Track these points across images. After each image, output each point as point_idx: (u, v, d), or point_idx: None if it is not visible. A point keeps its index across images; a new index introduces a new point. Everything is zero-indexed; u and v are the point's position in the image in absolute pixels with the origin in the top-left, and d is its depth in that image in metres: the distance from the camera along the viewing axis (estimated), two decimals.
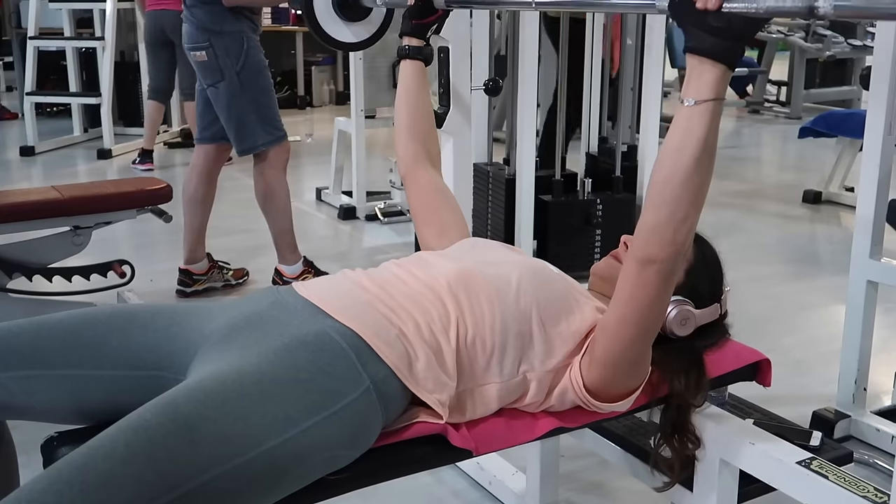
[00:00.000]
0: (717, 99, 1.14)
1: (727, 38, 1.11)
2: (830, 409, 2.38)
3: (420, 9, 1.74)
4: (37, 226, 2.81)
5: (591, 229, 3.28)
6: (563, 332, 1.36)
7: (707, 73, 1.13)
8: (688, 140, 1.15)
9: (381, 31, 2.05)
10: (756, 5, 1.07)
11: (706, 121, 1.14)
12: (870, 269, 2.25)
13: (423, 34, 1.77)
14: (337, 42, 2.00)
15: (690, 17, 1.12)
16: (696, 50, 1.13)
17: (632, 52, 3.40)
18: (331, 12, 1.96)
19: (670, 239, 1.19)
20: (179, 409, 1.10)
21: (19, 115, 7.25)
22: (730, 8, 1.09)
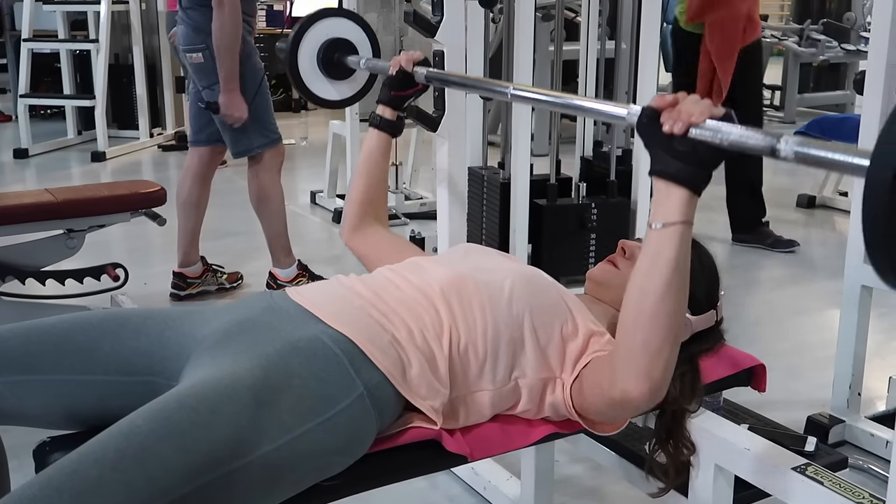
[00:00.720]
0: (685, 222, 1.13)
1: (692, 164, 1.11)
2: (825, 415, 2.38)
3: (400, 81, 1.74)
4: (30, 229, 2.80)
5: (585, 233, 3.28)
6: (555, 340, 1.35)
7: (674, 196, 1.12)
8: (658, 263, 1.14)
9: (364, 89, 2.08)
10: (721, 136, 1.06)
11: (675, 244, 1.13)
12: (864, 273, 2.26)
13: (400, 106, 1.78)
14: (321, 99, 2.03)
15: (657, 140, 1.12)
16: (661, 174, 1.13)
17: (626, 57, 3.41)
18: (315, 71, 1.98)
19: (646, 372, 1.16)
20: (171, 414, 1.10)
21: (13, 118, 7.24)
22: (695, 135, 1.09)
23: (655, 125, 1.12)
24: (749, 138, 1.04)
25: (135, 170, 6.02)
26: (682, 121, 1.09)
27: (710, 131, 1.08)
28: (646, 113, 1.14)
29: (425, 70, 1.72)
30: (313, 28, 1.97)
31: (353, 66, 1.97)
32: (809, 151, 0.98)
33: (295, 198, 4.99)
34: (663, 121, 1.11)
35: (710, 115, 1.08)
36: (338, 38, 1.98)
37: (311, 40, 1.97)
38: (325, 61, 1.98)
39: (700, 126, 1.08)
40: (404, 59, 1.74)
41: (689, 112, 1.09)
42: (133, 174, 5.80)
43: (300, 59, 1.95)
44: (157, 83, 6.92)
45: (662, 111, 1.12)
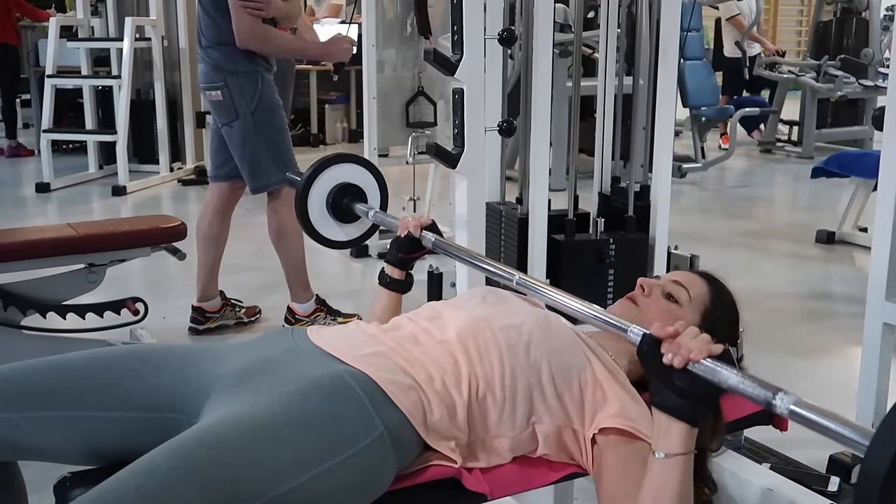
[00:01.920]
0: (687, 453, 1.15)
1: (691, 400, 1.12)
2: (847, 454, 2.35)
3: (408, 244, 1.75)
4: (52, 263, 2.82)
5: (604, 269, 3.26)
6: (572, 385, 1.35)
7: (674, 430, 1.14)
8: (663, 492, 1.16)
9: (370, 231, 2.10)
10: (718, 378, 1.07)
11: (678, 473, 1.15)
12: (886, 311, 2.24)
13: (407, 267, 1.79)
14: (328, 241, 2.05)
15: (657, 369, 1.13)
16: (661, 407, 1.15)
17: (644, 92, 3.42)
18: (324, 214, 2.00)
19: None
20: (191, 452, 1.10)
21: (36, 152, 7.33)
22: (695, 370, 1.09)
23: (656, 354, 1.13)
24: (746, 387, 1.03)
25: (155, 204, 6.07)
26: (682, 355, 1.10)
27: (708, 371, 1.08)
28: (646, 341, 1.15)
29: (433, 237, 1.73)
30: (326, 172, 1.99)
31: (360, 214, 2.00)
32: (804, 413, 0.97)
33: None
34: (663, 351, 1.12)
35: (709, 353, 1.09)
36: (348, 183, 2.01)
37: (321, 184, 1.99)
38: (335, 207, 2.01)
39: (700, 362, 1.09)
40: (412, 224, 1.74)
41: (689, 348, 1.10)
42: (153, 208, 5.85)
43: (310, 203, 1.98)
44: (178, 118, 7.00)
45: (663, 341, 1.13)
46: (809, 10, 12.36)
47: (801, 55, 9.96)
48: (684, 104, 7.26)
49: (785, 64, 8.17)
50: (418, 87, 4.81)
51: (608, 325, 1.26)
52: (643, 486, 1.19)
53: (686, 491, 1.17)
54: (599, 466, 1.32)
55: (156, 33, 6.70)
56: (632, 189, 3.28)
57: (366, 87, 4.52)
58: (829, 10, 8.86)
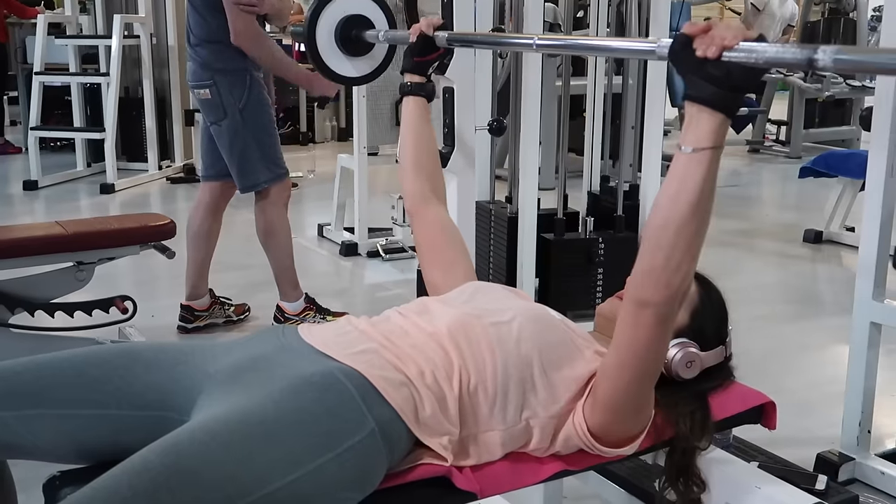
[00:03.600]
0: (716, 147, 1.13)
1: (726, 88, 1.10)
2: (834, 452, 2.37)
3: (421, 47, 1.75)
4: (40, 261, 2.81)
5: (593, 268, 3.27)
6: (565, 377, 1.36)
7: (705, 121, 1.12)
8: (685, 187, 1.14)
9: (383, 65, 2.06)
10: (755, 56, 1.06)
11: (704, 168, 1.13)
12: (873, 310, 2.25)
13: (425, 71, 1.78)
14: (339, 76, 2.01)
15: (690, 65, 1.12)
16: (695, 98, 1.12)
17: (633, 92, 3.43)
18: (333, 47, 1.96)
19: (665, 283, 1.19)
20: (183, 450, 1.10)
21: (23, 150, 7.29)
22: (730, 57, 1.09)
23: (688, 51, 1.11)
24: (785, 53, 1.03)
25: (143, 202, 6.05)
26: (716, 45, 1.08)
27: (744, 53, 1.07)
28: (678, 40, 1.13)
29: (446, 34, 1.72)
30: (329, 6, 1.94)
31: (371, 41, 1.95)
32: (849, 58, 0.96)
33: (302, 231, 5.00)
34: (696, 46, 1.10)
35: (744, 38, 1.08)
36: (354, 14, 1.97)
37: (328, 18, 1.95)
38: (343, 38, 1.96)
39: (734, 49, 1.08)
40: (424, 25, 1.74)
41: (723, 36, 1.08)
42: (141, 206, 5.83)
43: (318, 38, 1.93)
44: (167, 116, 6.97)
45: (695, 38, 1.11)
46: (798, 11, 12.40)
47: None
48: (673, 104, 7.26)
49: None
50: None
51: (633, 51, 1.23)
52: (663, 184, 1.17)
53: (710, 187, 1.14)
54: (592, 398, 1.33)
55: (144, 31, 6.67)
56: (621, 188, 3.28)
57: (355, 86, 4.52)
58: (816, 11, 8.90)
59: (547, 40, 1.46)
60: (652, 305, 1.21)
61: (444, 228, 1.72)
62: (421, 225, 1.72)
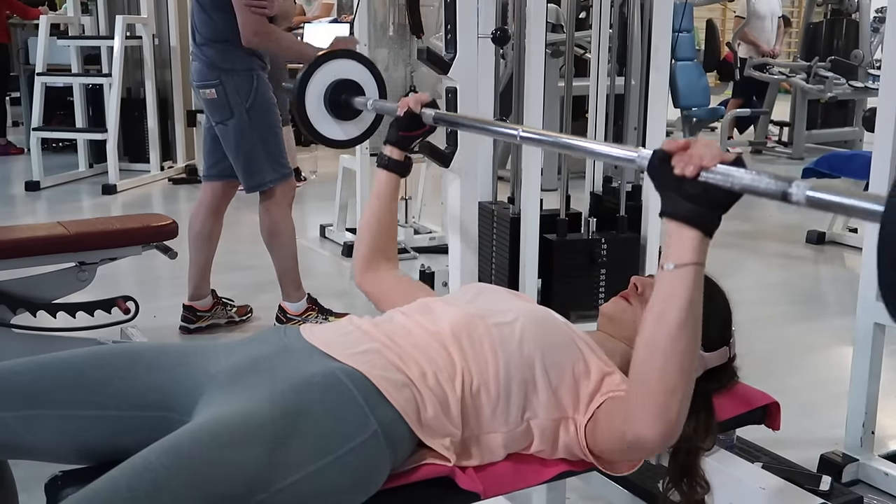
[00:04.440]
0: (697, 263, 1.13)
1: (704, 206, 1.11)
2: (838, 453, 2.36)
3: (408, 122, 1.74)
4: (42, 261, 2.81)
5: (595, 268, 3.27)
6: (567, 381, 1.35)
7: (686, 238, 1.12)
8: (671, 304, 1.14)
9: (370, 129, 2.08)
10: (732, 181, 1.06)
11: (688, 285, 1.13)
12: (877, 311, 2.24)
13: (408, 146, 1.77)
14: (328, 139, 2.03)
15: (668, 181, 1.12)
16: (673, 215, 1.13)
17: (636, 92, 3.42)
18: (322, 111, 1.98)
19: (660, 414, 1.15)
20: (183, 451, 1.09)
21: (25, 151, 7.29)
22: (707, 178, 1.09)
23: (666, 168, 1.12)
24: (760, 182, 1.03)
25: (145, 203, 6.05)
26: (694, 164, 1.09)
27: (721, 176, 1.07)
28: (657, 156, 1.14)
29: (433, 112, 1.72)
30: (321, 69, 1.97)
31: (360, 108, 1.97)
32: (822, 196, 0.97)
33: (305, 231, 5.00)
34: (674, 164, 1.11)
35: (722, 160, 1.08)
36: (345, 79, 1.99)
37: (318, 81, 1.97)
38: (332, 102, 1.98)
39: (711, 170, 1.08)
40: (412, 101, 1.73)
41: (701, 156, 1.09)
42: (143, 207, 5.83)
43: (307, 100, 1.95)
44: (169, 117, 6.97)
45: (674, 154, 1.12)
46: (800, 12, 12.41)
47: (792, 56, 9.99)
48: (675, 104, 7.27)
49: (775, 65, 8.20)
50: (410, 86, 4.81)
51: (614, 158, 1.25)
52: (649, 303, 1.16)
53: (696, 304, 1.14)
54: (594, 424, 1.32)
55: (146, 31, 6.68)
56: (623, 189, 3.28)
57: None
58: (819, 12, 8.90)
59: (531, 133, 1.46)
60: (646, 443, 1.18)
61: (397, 280, 1.74)
62: (373, 287, 1.74)
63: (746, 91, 8.54)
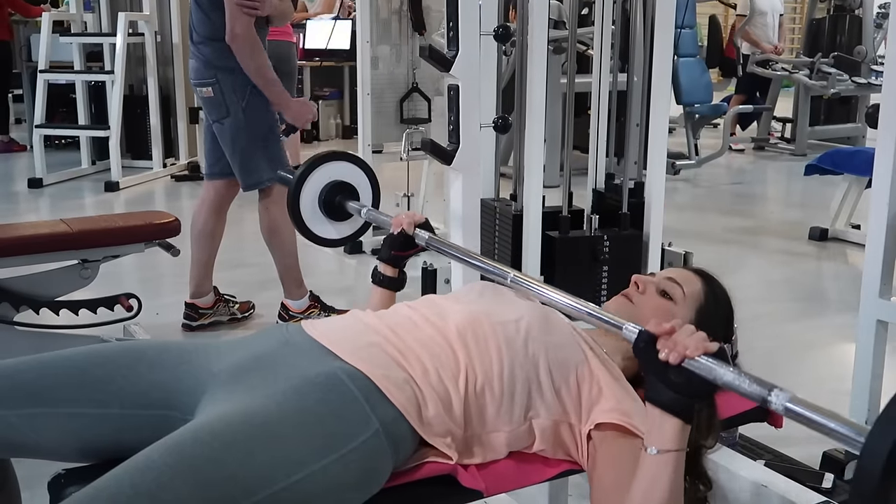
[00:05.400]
0: (679, 450, 1.15)
1: (685, 395, 1.12)
2: (841, 450, 2.35)
3: (401, 242, 1.74)
4: (45, 259, 2.81)
5: (598, 266, 3.27)
6: (569, 382, 1.35)
7: (667, 426, 1.14)
8: (655, 488, 1.16)
9: (362, 230, 2.09)
10: (714, 376, 1.07)
11: (670, 469, 1.15)
12: (880, 308, 2.24)
13: (400, 264, 1.77)
14: (320, 239, 2.04)
15: (652, 365, 1.13)
16: (656, 402, 1.14)
17: (638, 89, 3.42)
18: (316, 212, 1.99)
19: None
20: (186, 450, 1.09)
21: (28, 148, 7.30)
22: (690, 366, 1.10)
23: (652, 350, 1.13)
24: (742, 383, 1.04)
25: (148, 200, 6.06)
26: (678, 352, 1.10)
27: (704, 370, 1.09)
28: (642, 338, 1.15)
29: (426, 235, 1.72)
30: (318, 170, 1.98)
31: (352, 212, 1.99)
32: (800, 411, 0.98)
33: None
34: (659, 348, 1.12)
35: (705, 351, 1.09)
36: (340, 181, 2.00)
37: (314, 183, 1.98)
38: (327, 204, 2.00)
39: (696, 359, 1.09)
40: (406, 222, 1.72)
41: (685, 345, 1.10)
42: (146, 204, 5.84)
43: (302, 200, 1.97)
44: (171, 114, 6.98)
45: (659, 338, 1.13)
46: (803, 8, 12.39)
47: (795, 52, 9.98)
48: (678, 101, 7.26)
49: (778, 61, 8.19)
50: (412, 83, 4.81)
51: (602, 322, 1.27)
52: (634, 481, 1.19)
53: (677, 488, 1.17)
54: (593, 461, 1.32)
55: (149, 28, 6.68)
56: (626, 186, 3.28)
57: (360, 83, 4.51)
58: (822, 8, 8.88)
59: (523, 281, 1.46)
60: None
61: None
62: None
63: (749, 87, 8.53)
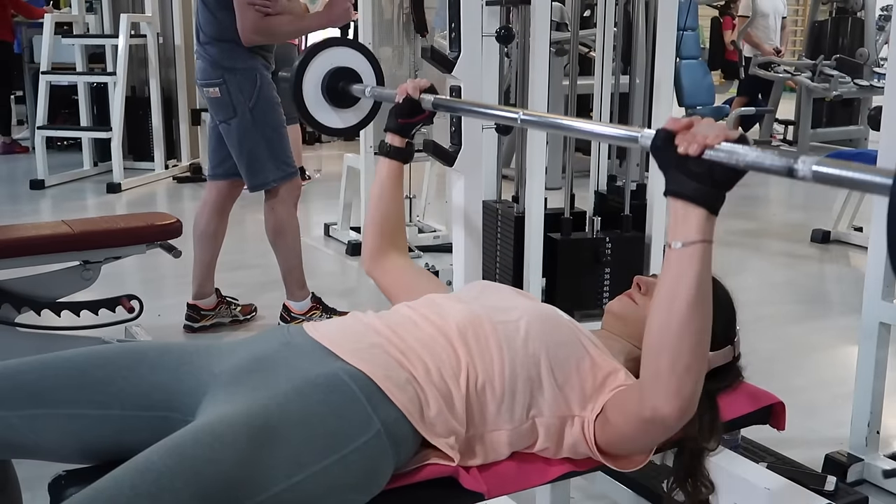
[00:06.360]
0: (705, 241, 1.13)
1: (708, 184, 1.11)
2: (843, 453, 2.35)
3: (407, 108, 1.74)
4: (47, 260, 2.81)
5: (600, 267, 3.27)
6: (571, 377, 1.35)
7: (692, 216, 1.12)
8: (681, 284, 1.14)
9: (368, 117, 2.07)
10: (737, 158, 1.06)
11: (696, 263, 1.13)
12: (882, 310, 2.24)
13: (408, 133, 1.77)
14: (325, 127, 2.03)
15: (672, 161, 1.12)
16: (677, 194, 1.13)
17: (640, 91, 3.42)
18: (320, 99, 1.98)
19: (675, 390, 1.16)
20: (186, 451, 1.09)
21: (30, 149, 7.30)
22: (711, 156, 1.09)
23: (670, 147, 1.12)
24: (765, 159, 1.03)
25: (150, 201, 6.06)
26: (698, 143, 1.09)
27: (725, 153, 1.07)
28: (660, 136, 1.13)
29: (432, 97, 1.72)
30: (318, 57, 1.97)
31: (357, 95, 1.97)
32: (828, 171, 0.96)
33: (309, 230, 5.00)
34: (678, 143, 1.11)
35: (726, 138, 1.08)
36: (342, 66, 1.99)
37: (315, 69, 1.97)
38: (330, 90, 1.98)
39: (715, 148, 1.08)
40: (411, 87, 1.73)
41: (705, 134, 1.09)
42: (148, 206, 5.84)
43: (305, 88, 1.95)
44: (173, 115, 6.98)
45: (677, 133, 1.12)
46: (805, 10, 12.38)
47: (797, 55, 9.98)
48: (680, 103, 7.26)
49: (781, 63, 8.18)
50: None
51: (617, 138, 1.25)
52: (659, 282, 1.16)
53: (704, 283, 1.13)
54: (604, 418, 1.32)
55: (151, 30, 6.68)
56: (628, 187, 3.28)
57: None
58: (824, 10, 8.88)
59: (531, 116, 1.46)
60: (664, 420, 1.19)
61: (406, 269, 1.74)
62: (382, 276, 1.74)
63: (751, 89, 8.53)
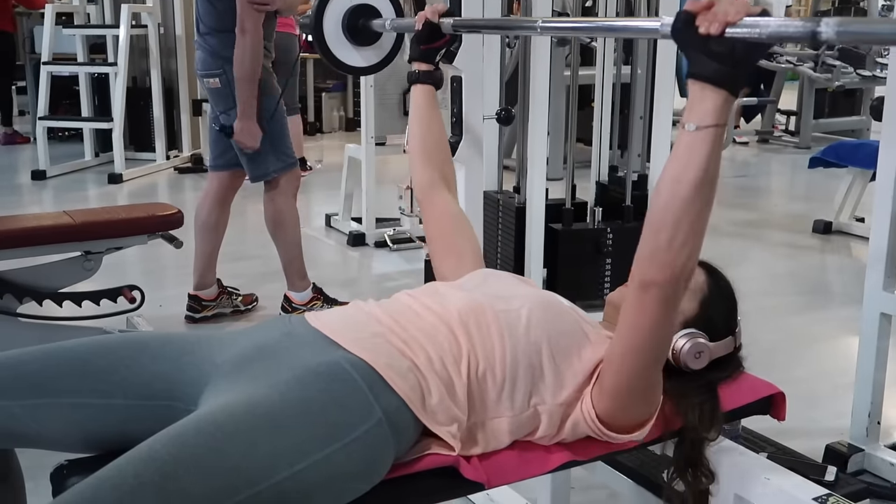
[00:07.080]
0: (719, 125, 1.12)
1: (729, 64, 1.10)
2: (843, 443, 2.35)
3: (427, 34, 1.75)
4: (48, 251, 2.81)
5: (601, 258, 3.27)
6: (573, 364, 1.35)
7: (709, 98, 1.11)
8: (689, 166, 1.14)
9: (391, 55, 2.06)
10: (759, 30, 1.06)
11: (707, 147, 1.12)
12: (883, 301, 2.24)
13: (432, 59, 1.78)
14: (347, 66, 2.02)
15: (693, 42, 1.11)
16: (698, 75, 1.12)
17: (642, 81, 3.42)
18: (340, 37, 1.97)
19: (670, 262, 1.18)
20: (189, 440, 1.10)
21: (31, 140, 7.30)
22: (733, 33, 1.08)
23: (691, 28, 1.11)
24: (788, 27, 1.03)
25: (151, 192, 6.06)
26: (719, 21, 1.08)
27: (747, 28, 1.07)
28: (681, 18, 1.12)
29: (451, 20, 1.72)
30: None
31: (378, 29, 1.96)
32: (853, 29, 0.96)
33: (310, 221, 5.00)
34: (699, 23, 1.10)
35: (748, 13, 1.07)
36: (361, 3, 1.98)
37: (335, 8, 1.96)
38: (350, 28, 1.97)
39: (737, 24, 1.07)
40: (429, 12, 1.74)
41: (726, 12, 1.08)
42: (149, 196, 5.84)
43: (325, 27, 1.95)
44: (174, 106, 6.97)
45: (698, 14, 1.11)
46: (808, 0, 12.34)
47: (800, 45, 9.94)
48: (682, 93, 7.23)
49: (783, 54, 8.16)
50: None
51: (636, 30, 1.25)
52: (668, 163, 1.17)
53: (714, 166, 1.13)
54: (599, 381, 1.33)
55: (152, 20, 6.68)
56: (629, 178, 3.27)
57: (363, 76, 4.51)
58: (827, 0, 8.85)
59: (551, 23, 1.48)
60: (656, 286, 1.20)
61: (453, 216, 1.72)
62: (431, 212, 1.72)
63: (753, 80, 8.50)
